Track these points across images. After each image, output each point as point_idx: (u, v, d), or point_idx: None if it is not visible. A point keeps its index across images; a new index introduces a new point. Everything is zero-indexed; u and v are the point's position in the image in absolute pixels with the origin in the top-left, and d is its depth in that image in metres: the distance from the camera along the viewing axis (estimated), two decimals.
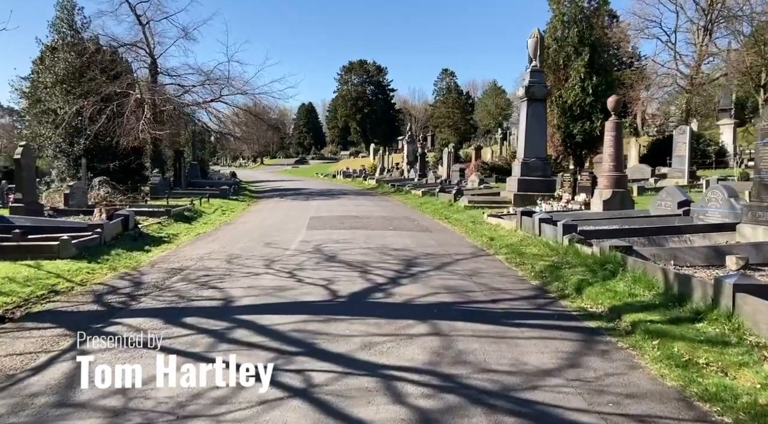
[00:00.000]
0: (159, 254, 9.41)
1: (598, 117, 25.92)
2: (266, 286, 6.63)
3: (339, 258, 8.53)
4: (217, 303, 5.82)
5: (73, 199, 13.95)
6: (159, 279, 7.17)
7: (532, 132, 16.15)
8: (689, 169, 17.79)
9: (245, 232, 12.19)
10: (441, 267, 7.87)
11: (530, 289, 6.61)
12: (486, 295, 6.23)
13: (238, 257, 8.76)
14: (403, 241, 10.42)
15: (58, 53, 22.52)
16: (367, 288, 6.52)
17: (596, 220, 10.19)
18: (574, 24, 26.23)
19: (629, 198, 11.88)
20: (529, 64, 16.58)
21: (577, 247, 7.98)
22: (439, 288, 6.53)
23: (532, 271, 7.51)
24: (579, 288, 6.28)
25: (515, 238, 10.12)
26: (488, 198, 17.00)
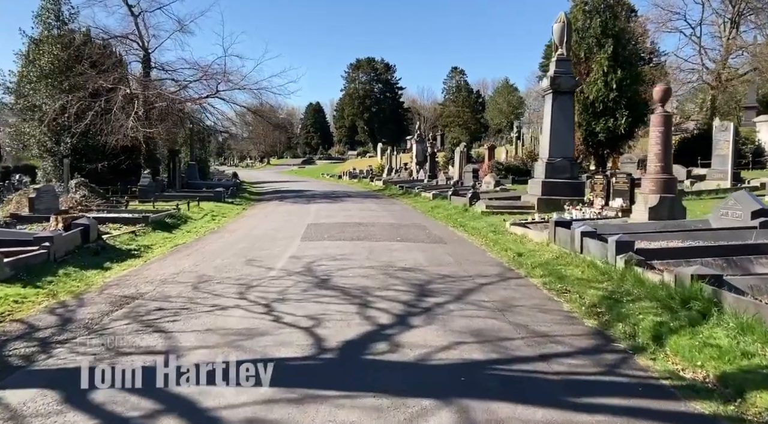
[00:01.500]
0: (118, 274, 7.77)
1: (623, 114, 24.05)
2: (231, 328, 4.95)
3: (333, 282, 6.83)
4: (153, 361, 4.14)
5: (40, 204, 12.35)
6: (97, 314, 5.51)
7: (557, 129, 14.37)
8: (733, 170, 15.93)
9: (229, 243, 10.53)
10: (462, 297, 6.15)
11: (587, 334, 4.88)
12: (529, 345, 4.51)
13: (209, 280, 7.08)
14: (413, 256, 8.71)
15: (44, 46, 21.00)
16: (365, 333, 4.81)
17: (646, 233, 8.41)
18: (596, 14, 24.36)
19: (680, 205, 10.08)
20: (555, 53, 14.81)
21: (637, 271, 6.23)
22: (463, 332, 4.82)
23: (581, 304, 5.78)
24: (658, 336, 4.55)
25: (548, 254, 8.37)
26: (508, 203, 15.24)
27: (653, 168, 10.21)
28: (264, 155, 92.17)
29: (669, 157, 10.15)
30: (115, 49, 23.58)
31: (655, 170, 10.18)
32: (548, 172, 14.32)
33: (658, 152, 10.18)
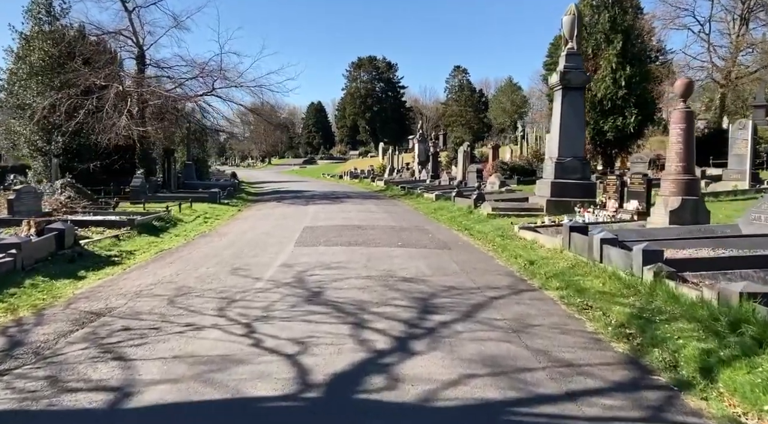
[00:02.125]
0: (92, 284, 7.06)
1: (632, 112, 23.30)
2: (202, 355, 4.24)
3: (325, 296, 6.12)
4: (99, 403, 3.43)
5: (20, 206, 11.66)
6: (53, 336, 4.81)
7: (567, 126, 13.63)
8: (751, 171, 15.17)
9: (217, 249, 9.82)
10: (471, 314, 5.44)
11: (619, 363, 4.16)
12: (553, 378, 3.79)
13: (188, 292, 6.38)
14: (416, 264, 7.99)
15: (34, 42, 20.33)
16: (358, 363, 4.10)
17: (670, 240, 7.68)
18: (604, 8, 23.60)
19: (704, 208, 9.34)
20: (564, 47, 14.07)
21: (669, 286, 5.50)
22: (473, 361, 4.11)
23: (607, 323, 5.06)
24: (707, 369, 3.82)
25: (563, 262, 7.65)
26: (515, 204, 14.50)
27: (674, 168, 9.47)
28: (265, 155, 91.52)
29: (691, 156, 9.41)
30: (109, 46, 22.94)
31: (675, 170, 9.44)
32: (558, 172, 13.58)
33: (679, 151, 9.44)
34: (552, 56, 38.45)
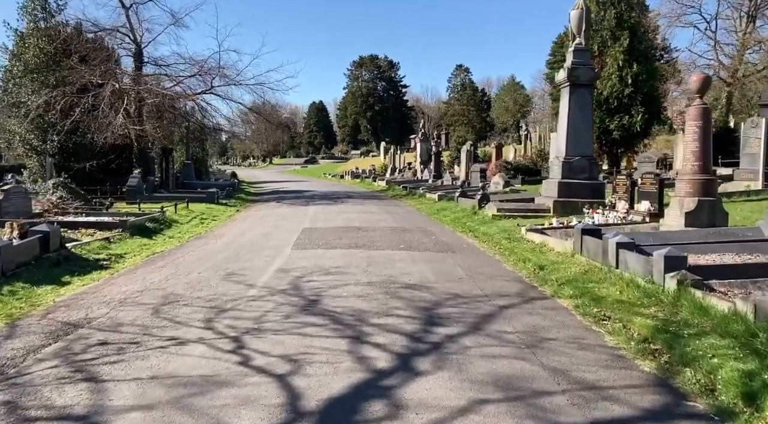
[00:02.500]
0: (75, 291, 6.65)
1: (639, 111, 22.81)
2: (183, 375, 3.81)
3: (322, 305, 5.69)
4: None
5: (9, 207, 11.24)
6: (23, 351, 4.39)
7: (575, 124, 13.18)
8: (764, 170, 14.69)
9: (211, 252, 9.40)
10: (480, 325, 5.00)
11: (647, 385, 3.72)
12: (575, 404, 3.36)
13: (176, 300, 5.95)
14: (419, 269, 7.56)
15: (29, 39, 19.91)
16: (356, 385, 3.67)
17: (688, 244, 7.24)
18: (611, 5, 23.11)
19: (722, 210, 8.89)
20: (572, 42, 13.62)
21: (695, 295, 5.06)
22: (485, 383, 3.68)
23: (629, 337, 4.61)
24: (749, 395, 3.38)
25: (575, 267, 7.21)
26: (521, 205, 14.06)
27: (690, 167, 9.02)
28: (267, 155, 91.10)
29: (708, 154, 8.97)
30: (106, 43, 22.52)
31: (692, 170, 8.99)
32: (565, 172, 13.12)
33: (695, 150, 8.99)
34: (555, 55, 37.92)
